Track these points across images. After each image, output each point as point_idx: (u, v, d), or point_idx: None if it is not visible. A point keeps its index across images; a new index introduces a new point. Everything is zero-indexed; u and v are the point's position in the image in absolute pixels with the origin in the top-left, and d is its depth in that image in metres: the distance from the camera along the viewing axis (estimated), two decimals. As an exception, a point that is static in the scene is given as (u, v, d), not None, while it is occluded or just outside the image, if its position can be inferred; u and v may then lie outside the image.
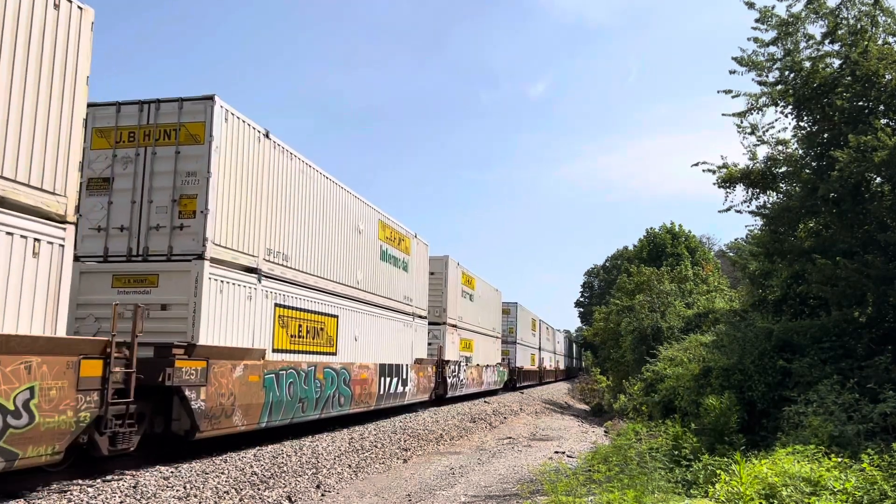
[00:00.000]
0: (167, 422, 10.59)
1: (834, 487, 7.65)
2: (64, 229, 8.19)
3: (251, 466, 11.04)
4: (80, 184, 8.74)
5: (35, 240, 7.75)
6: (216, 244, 11.42)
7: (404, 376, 20.79)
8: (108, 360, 8.62)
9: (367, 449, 14.60)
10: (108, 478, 9.33)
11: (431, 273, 25.65)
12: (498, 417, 25.98)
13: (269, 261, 13.03)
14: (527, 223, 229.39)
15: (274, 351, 13.00)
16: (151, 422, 10.30)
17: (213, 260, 11.29)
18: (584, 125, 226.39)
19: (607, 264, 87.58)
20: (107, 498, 8.34)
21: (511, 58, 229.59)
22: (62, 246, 8.14)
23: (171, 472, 9.86)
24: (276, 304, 13.17)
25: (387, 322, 19.72)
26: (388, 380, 19.24)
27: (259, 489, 10.15)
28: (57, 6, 8.23)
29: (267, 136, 13.08)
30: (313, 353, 14.74)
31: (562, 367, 77.45)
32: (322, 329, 15.27)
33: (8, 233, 7.44)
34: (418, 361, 22.41)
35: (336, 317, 16.09)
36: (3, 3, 7.48)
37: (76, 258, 10.01)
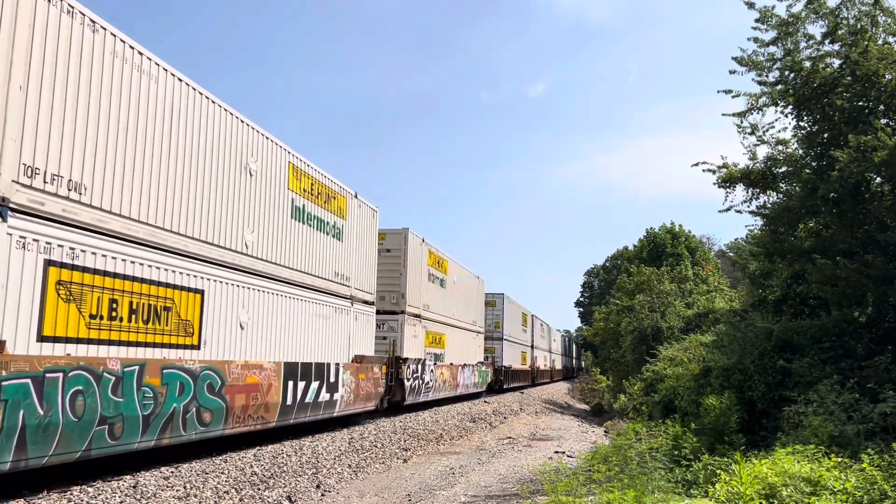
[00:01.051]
0: None
1: (834, 487, 7.65)
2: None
3: (251, 466, 11.04)
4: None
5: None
6: None
7: (332, 379, 15.53)
8: None
9: (367, 449, 14.60)
10: (108, 478, 9.33)
11: (387, 250, 21.67)
12: (498, 417, 25.98)
13: (30, 187, 7.97)
14: (527, 223, 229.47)
15: (43, 339, 8.06)
16: None
17: None
18: (584, 125, 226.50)
19: (607, 264, 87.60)
20: (107, 498, 8.34)
21: (511, 58, 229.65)
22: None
23: (171, 472, 9.86)
24: (48, 262, 8.16)
25: (303, 306, 14.57)
26: (301, 385, 14.07)
27: (259, 489, 10.15)
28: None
29: None
30: (145, 344, 9.72)
31: (558, 366, 73.10)
32: (168, 309, 10.26)
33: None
34: (358, 359, 17.34)
35: (200, 292, 11.06)
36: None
37: None
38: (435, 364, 24.79)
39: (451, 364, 27.48)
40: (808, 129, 15.12)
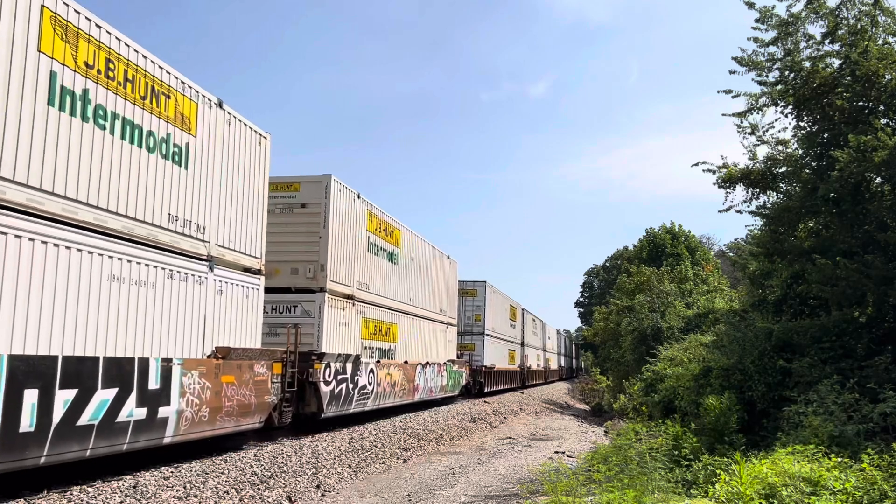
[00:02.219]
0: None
1: (834, 487, 7.65)
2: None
3: (251, 466, 11.04)
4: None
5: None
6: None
7: (155, 385, 9.85)
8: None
9: (367, 449, 14.60)
10: (108, 478, 9.33)
11: (301, 205, 16.26)
12: (498, 417, 25.97)
13: None
14: (527, 223, 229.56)
15: None
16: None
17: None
18: (584, 125, 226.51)
19: (607, 264, 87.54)
20: (107, 498, 8.34)
21: (512, 58, 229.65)
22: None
23: (171, 472, 9.86)
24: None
25: (81, 261, 8.79)
26: (63, 396, 8.21)
27: (259, 489, 10.15)
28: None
29: None
30: None
31: (554, 366, 67.40)
32: None
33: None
34: (220, 353, 11.54)
35: None
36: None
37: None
38: (378, 363, 18.91)
39: (406, 363, 21.58)
40: (808, 129, 15.12)
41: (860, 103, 13.94)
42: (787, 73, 14.75)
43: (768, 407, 13.43)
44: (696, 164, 16.69)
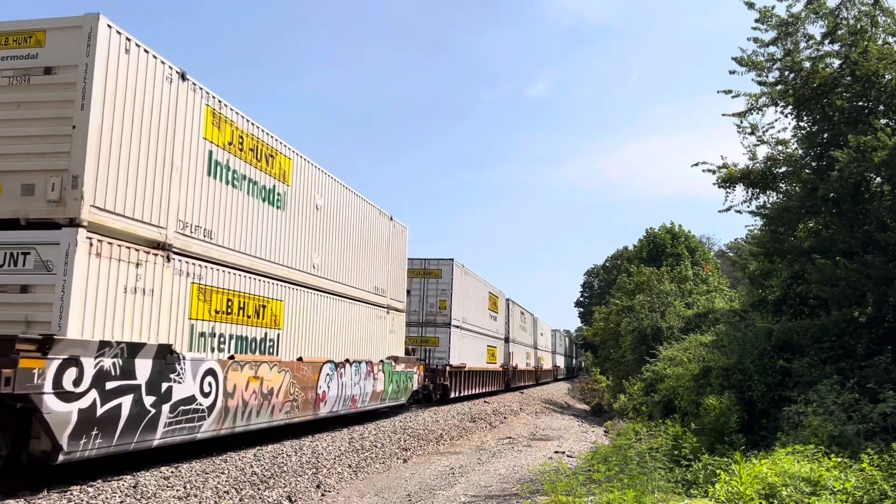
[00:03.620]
0: None
1: (834, 487, 7.65)
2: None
3: (251, 466, 11.04)
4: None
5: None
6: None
7: None
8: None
9: (367, 449, 14.60)
10: (108, 478, 9.33)
11: (47, 70, 9.14)
12: (498, 417, 25.97)
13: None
14: (527, 223, 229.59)
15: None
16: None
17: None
18: (584, 125, 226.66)
19: (607, 264, 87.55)
20: (107, 498, 8.34)
21: (512, 58, 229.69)
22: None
23: (171, 472, 9.86)
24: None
25: None
26: None
27: (259, 489, 10.15)
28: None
29: None
30: None
31: (548, 365, 61.32)
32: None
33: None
34: None
35: None
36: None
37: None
38: (233, 361, 11.90)
39: (301, 361, 14.39)
40: (808, 129, 15.13)
41: (860, 103, 13.95)
42: (787, 73, 14.76)
43: (768, 407, 13.43)
44: (696, 164, 16.73)
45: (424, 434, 18.17)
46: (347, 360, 16.98)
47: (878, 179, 13.32)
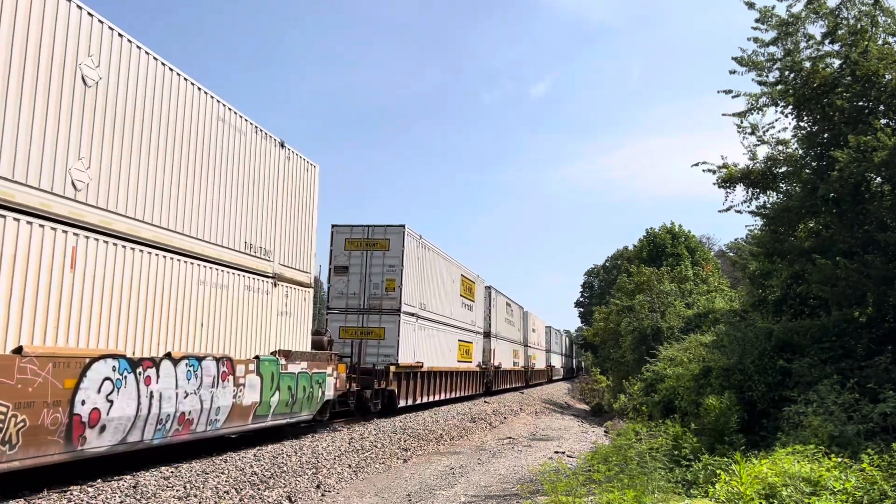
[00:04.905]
0: None
1: (834, 487, 7.65)
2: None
3: (251, 466, 11.04)
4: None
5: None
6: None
7: None
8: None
9: (367, 449, 14.59)
10: (109, 478, 9.33)
11: None
12: (498, 417, 25.96)
13: None
14: (527, 223, 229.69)
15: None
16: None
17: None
18: (585, 125, 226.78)
19: (607, 264, 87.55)
20: (107, 498, 8.34)
21: (513, 58, 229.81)
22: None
23: (171, 472, 9.86)
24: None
25: None
26: None
27: (259, 489, 10.15)
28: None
29: None
30: None
31: (541, 365, 55.78)
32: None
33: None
34: None
35: None
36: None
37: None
38: None
39: (19, 355, 7.71)
40: (808, 129, 15.13)
41: (860, 103, 13.95)
42: (787, 73, 14.76)
43: (768, 407, 13.43)
44: (697, 164, 16.72)
45: (424, 434, 18.16)
46: (169, 356, 10.43)
47: (879, 179, 13.31)
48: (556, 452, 17.05)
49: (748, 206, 16.33)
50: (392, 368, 20.51)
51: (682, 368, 18.11)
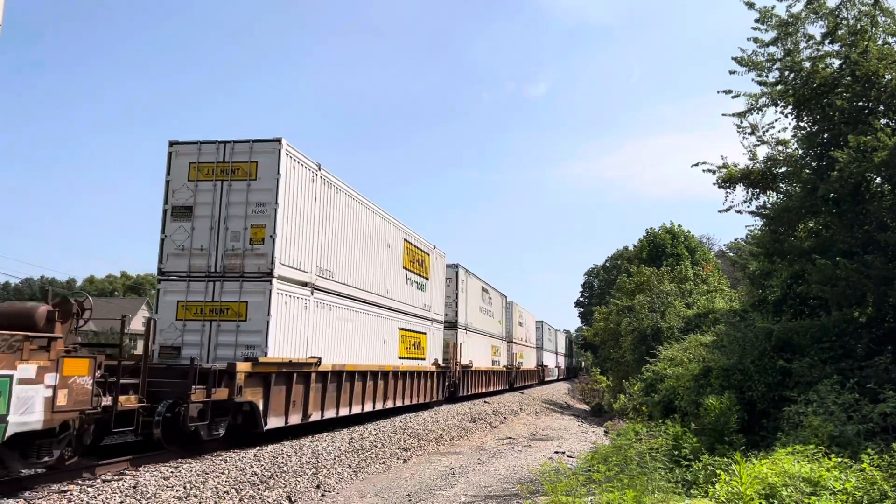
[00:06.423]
0: None
1: (834, 487, 7.65)
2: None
3: (251, 466, 11.04)
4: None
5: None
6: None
7: None
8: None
9: (367, 449, 14.59)
10: (109, 478, 9.33)
11: None
12: (498, 417, 25.95)
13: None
14: (527, 223, 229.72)
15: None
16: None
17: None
18: (585, 125, 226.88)
19: (607, 264, 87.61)
20: (107, 498, 8.34)
21: (512, 58, 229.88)
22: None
23: (172, 472, 9.86)
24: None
25: None
26: None
27: (259, 489, 10.15)
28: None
29: None
30: None
31: (531, 364, 51.27)
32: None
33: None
34: None
35: None
36: None
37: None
38: None
39: None
40: (808, 129, 15.12)
41: (860, 103, 13.94)
42: (787, 73, 14.75)
43: (768, 407, 13.42)
44: (696, 165, 16.70)
45: (424, 434, 18.16)
46: None
47: (879, 179, 13.31)
48: (556, 452, 17.05)
49: (748, 207, 16.33)
50: (244, 368, 12.29)
51: (682, 368, 18.11)
